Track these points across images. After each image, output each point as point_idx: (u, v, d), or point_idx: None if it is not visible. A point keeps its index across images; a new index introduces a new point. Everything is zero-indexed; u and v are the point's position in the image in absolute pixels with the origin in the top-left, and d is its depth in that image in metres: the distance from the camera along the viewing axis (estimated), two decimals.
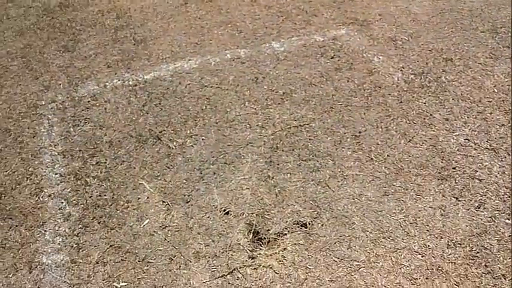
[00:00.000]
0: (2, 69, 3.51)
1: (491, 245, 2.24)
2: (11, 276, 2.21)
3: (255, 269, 2.18)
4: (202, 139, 2.85)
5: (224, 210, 2.42)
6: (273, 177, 2.59)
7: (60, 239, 2.35)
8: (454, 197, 2.46)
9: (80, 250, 2.30)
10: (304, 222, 2.36)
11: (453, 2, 4.02)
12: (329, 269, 2.17)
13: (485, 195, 2.45)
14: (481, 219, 2.35)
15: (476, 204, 2.41)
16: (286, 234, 2.32)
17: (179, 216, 2.41)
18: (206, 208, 2.44)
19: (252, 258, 2.23)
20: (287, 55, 3.53)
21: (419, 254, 2.22)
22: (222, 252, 2.25)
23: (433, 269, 2.15)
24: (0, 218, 2.45)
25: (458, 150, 2.71)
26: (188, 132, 2.91)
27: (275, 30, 3.82)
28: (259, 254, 2.24)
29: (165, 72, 3.43)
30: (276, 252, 2.24)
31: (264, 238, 2.30)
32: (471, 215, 2.37)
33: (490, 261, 2.18)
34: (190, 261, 2.23)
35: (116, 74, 3.43)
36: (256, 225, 2.36)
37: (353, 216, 2.38)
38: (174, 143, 2.83)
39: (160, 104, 3.14)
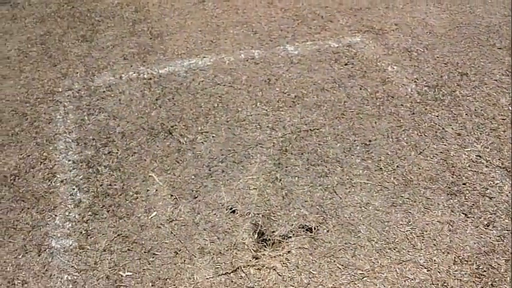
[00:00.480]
0: (21, 54, 3.56)
1: (498, 264, 2.23)
2: (20, 257, 2.26)
3: (258, 269, 2.21)
4: (213, 136, 2.88)
5: (231, 208, 2.45)
6: (280, 180, 2.62)
7: (70, 225, 2.39)
8: (463, 213, 2.46)
9: (88, 237, 2.33)
10: (310, 226, 2.38)
11: (471, 17, 4.03)
12: (332, 276, 2.19)
13: (494, 214, 2.44)
14: (490, 238, 2.33)
15: (486, 222, 2.41)
16: (291, 237, 2.34)
17: (186, 211, 2.44)
18: (213, 205, 2.47)
19: (256, 258, 2.25)
20: (301, 59, 3.55)
21: (425, 268, 2.22)
22: (227, 250, 2.28)
23: (438, 284, 2.15)
24: (13, 200, 2.50)
25: (469, 166, 2.71)
26: (199, 128, 2.94)
27: (290, 33, 3.84)
28: (263, 254, 2.27)
29: (180, 67, 3.46)
30: (280, 254, 2.26)
31: (269, 239, 2.33)
32: (479, 232, 2.36)
33: (496, 280, 2.17)
34: (195, 256, 2.26)
35: (131, 66, 3.47)
36: (261, 226, 2.38)
37: (359, 224, 2.40)
38: (185, 139, 2.86)
39: (173, 98, 3.17)
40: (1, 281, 2.15)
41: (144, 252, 2.27)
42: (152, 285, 2.15)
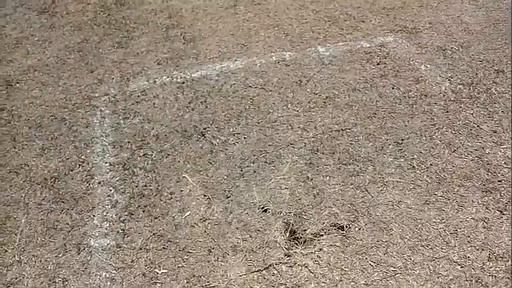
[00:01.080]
0: (60, 61, 3.72)
1: None
2: (60, 256, 2.36)
3: (290, 266, 2.22)
4: (244, 138, 2.92)
5: (262, 207, 2.48)
6: (312, 179, 2.62)
7: (107, 224, 2.48)
8: (498, 210, 2.40)
9: (125, 236, 2.41)
10: (342, 225, 2.38)
11: (507, 13, 3.91)
12: (364, 273, 2.18)
13: None
14: None
15: None
16: (322, 235, 2.34)
17: (219, 210, 2.48)
18: (245, 204, 2.50)
19: (288, 256, 2.26)
20: (332, 60, 3.55)
21: (459, 264, 2.18)
22: (259, 248, 2.30)
23: (472, 281, 2.11)
24: (53, 201, 2.61)
25: (505, 163, 2.64)
26: (231, 130, 2.98)
27: (321, 34, 3.84)
28: (295, 252, 2.28)
29: (212, 71, 3.53)
30: (311, 252, 2.27)
31: (301, 237, 2.34)
32: None
33: None
34: (228, 254, 2.30)
35: (165, 71, 3.56)
36: (293, 225, 2.40)
37: (391, 222, 2.37)
38: (217, 140, 2.91)
39: (205, 101, 3.23)
40: (43, 279, 2.26)
41: (179, 250, 2.33)
42: (187, 282, 2.20)
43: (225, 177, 2.66)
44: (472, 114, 2.98)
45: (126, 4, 4.43)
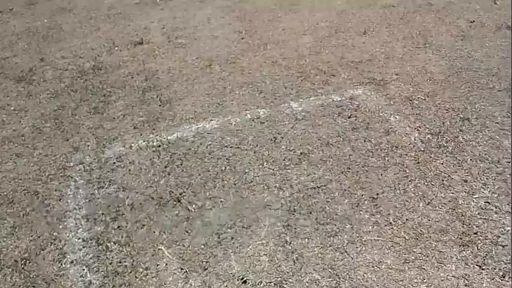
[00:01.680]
0: (35, 131, 3.72)
1: None
2: None
3: None
4: (221, 201, 2.92)
5: (242, 278, 2.43)
6: (290, 242, 2.61)
7: None
8: (477, 265, 2.40)
9: None
10: None
11: (470, 61, 4.08)
12: None
13: (509, 263, 2.38)
14: None
15: (501, 273, 2.34)
16: None
17: (197, 285, 2.42)
18: (224, 276, 2.45)
19: None
20: (305, 115, 3.62)
21: None
22: None
23: None
24: (24, 286, 2.50)
25: (478, 213, 2.67)
26: (207, 194, 2.98)
27: (294, 90, 3.94)
28: None
29: (188, 132, 3.56)
30: None
31: None
32: (496, 284, 2.30)
33: None
34: None
35: (141, 135, 3.58)
36: None
37: (373, 285, 2.34)
38: (194, 206, 2.90)
39: (181, 164, 3.24)
40: None
41: None
42: None
43: (202, 246, 2.63)
44: (442, 164, 3.04)
45: (103, 69, 4.50)
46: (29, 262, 2.62)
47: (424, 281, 2.35)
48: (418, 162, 3.07)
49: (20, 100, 4.13)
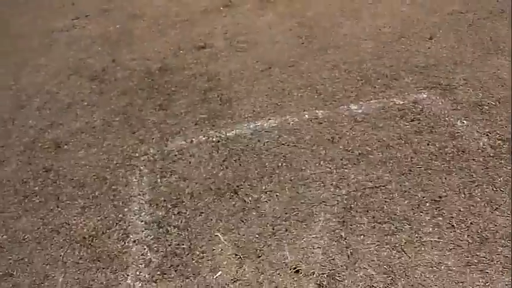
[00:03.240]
0: (105, 124, 3.96)
1: None
2: None
3: None
4: (277, 195, 2.93)
5: (294, 268, 2.43)
6: (345, 238, 2.57)
7: (140, 284, 2.50)
8: None
9: None
10: (378, 287, 2.28)
11: None
12: None
13: None
14: None
15: None
16: None
17: (250, 270, 2.46)
18: (277, 264, 2.47)
19: None
20: (365, 117, 3.57)
21: None
22: None
23: None
24: (90, 260, 2.68)
25: None
26: (263, 188, 3.01)
27: (354, 93, 3.90)
28: None
29: (246, 130, 3.62)
30: None
31: None
32: None
33: None
34: None
35: (201, 130, 3.69)
36: (326, 286, 2.32)
37: (431, 285, 2.25)
38: (250, 198, 2.94)
39: (239, 159, 3.30)
40: None
41: None
42: None
43: (257, 235, 2.66)
44: None
45: (168, 70, 4.71)
46: (96, 239, 2.80)
47: (487, 284, 2.23)
48: (487, 168, 2.92)
49: (93, 96, 4.42)
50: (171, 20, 5.85)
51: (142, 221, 2.89)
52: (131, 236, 2.79)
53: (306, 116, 3.68)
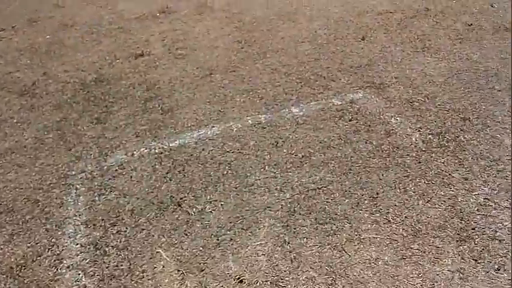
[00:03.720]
0: (38, 142, 3.75)
1: None
2: None
3: None
4: (221, 204, 2.91)
5: (238, 278, 2.41)
6: (289, 242, 2.59)
7: None
8: (473, 259, 2.38)
9: None
10: None
11: (468, 63, 4.08)
12: None
13: (505, 257, 2.37)
14: (501, 282, 2.25)
15: (496, 267, 2.33)
16: None
17: (193, 285, 2.41)
18: (220, 276, 2.44)
19: None
20: (306, 119, 3.63)
21: None
22: None
23: None
24: None
25: (477, 210, 2.65)
26: (208, 197, 2.98)
27: (294, 95, 3.96)
28: None
29: (190, 139, 3.57)
30: None
31: None
32: (490, 277, 2.29)
33: None
34: None
35: (143, 142, 3.59)
36: None
37: (369, 282, 2.32)
38: (194, 209, 2.89)
39: (183, 170, 3.25)
40: None
41: None
42: None
43: (201, 248, 2.62)
44: (443, 163, 3.02)
45: (104, 81, 4.55)
46: (25, 268, 2.60)
47: (420, 275, 2.33)
48: (419, 162, 3.06)
49: (23, 113, 4.18)
50: (105, 29, 5.67)
51: (77, 244, 2.74)
52: (65, 262, 2.63)
53: (249, 121, 3.69)
